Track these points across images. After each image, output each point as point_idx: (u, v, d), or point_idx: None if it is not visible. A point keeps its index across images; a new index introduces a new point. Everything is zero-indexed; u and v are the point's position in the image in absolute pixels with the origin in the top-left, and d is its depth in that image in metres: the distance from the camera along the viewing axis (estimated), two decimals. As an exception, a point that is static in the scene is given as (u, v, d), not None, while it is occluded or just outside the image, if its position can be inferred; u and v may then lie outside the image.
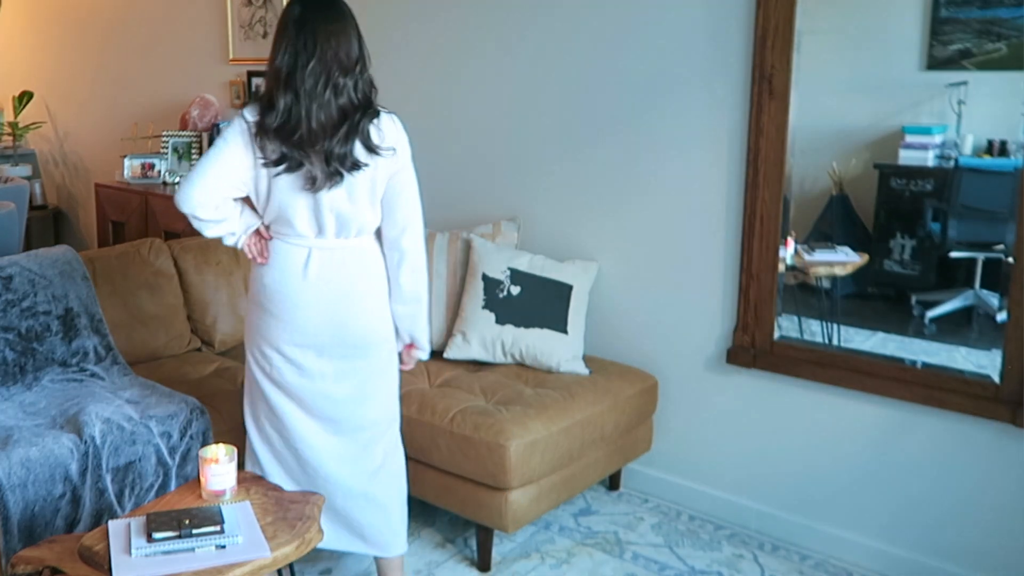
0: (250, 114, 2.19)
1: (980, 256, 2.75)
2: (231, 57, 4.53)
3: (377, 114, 2.22)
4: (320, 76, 2.13)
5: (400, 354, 2.46)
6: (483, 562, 2.78)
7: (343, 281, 2.28)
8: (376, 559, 2.53)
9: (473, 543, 2.87)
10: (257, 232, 2.33)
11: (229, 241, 2.32)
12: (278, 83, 2.15)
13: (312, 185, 2.17)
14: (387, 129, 2.24)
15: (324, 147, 2.14)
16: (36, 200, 5.63)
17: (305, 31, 2.14)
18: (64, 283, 3.04)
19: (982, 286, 2.73)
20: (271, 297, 2.30)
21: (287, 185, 2.20)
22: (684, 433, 3.16)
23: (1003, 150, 2.63)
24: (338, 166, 2.15)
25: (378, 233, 2.35)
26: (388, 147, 2.22)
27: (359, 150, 2.18)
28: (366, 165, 2.19)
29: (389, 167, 2.25)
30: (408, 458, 2.84)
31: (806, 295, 3.01)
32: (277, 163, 2.16)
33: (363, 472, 2.40)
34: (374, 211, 2.29)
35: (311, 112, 2.13)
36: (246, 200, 2.32)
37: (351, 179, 2.20)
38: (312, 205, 2.22)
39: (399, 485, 2.49)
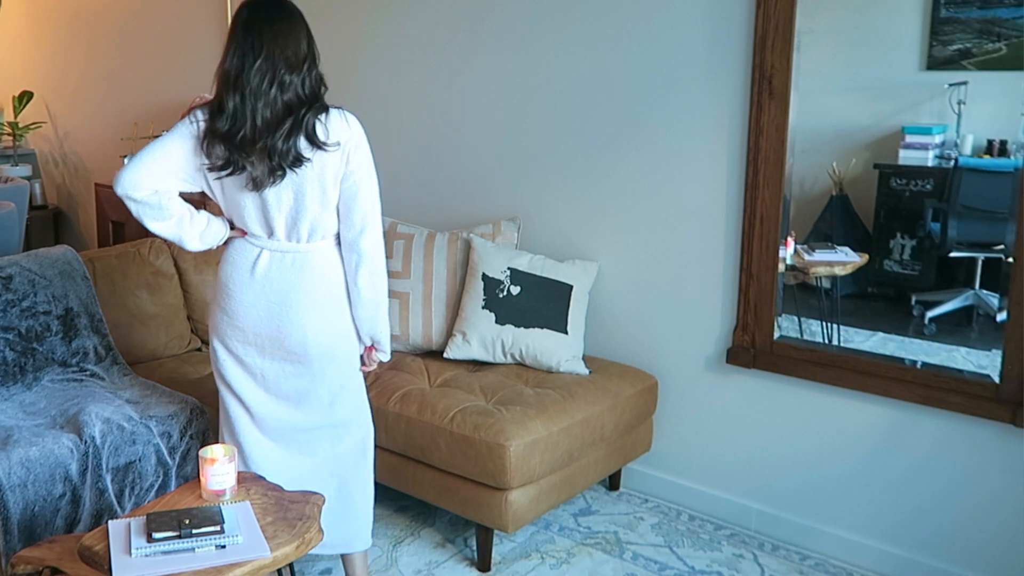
0: (202, 113, 2.21)
1: (980, 256, 2.76)
2: (231, 57, 4.53)
3: (325, 110, 2.21)
4: (266, 74, 2.14)
5: (362, 356, 2.44)
6: (483, 562, 2.78)
7: (285, 287, 2.28)
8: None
9: (473, 543, 2.87)
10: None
11: (187, 245, 2.33)
12: (227, 86, 2.17)
13: (255, 185, 2.18)
14: (334, 125, 2.21)
15: (267, 143, 2.15)
16: (36, 200, 5.63)
17: (252, 32, 2.17)
18: (64, 283, 3.04)
19: (982, 286, 2.74)
20: (221, 291, 2.34)
21: (233, 184, 2.23)
22: (684, 433, 3.16)
23: (1003, 150, 2.63)
24: (280, 161, 2.15)
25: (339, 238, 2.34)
26: (333, 143, 2.20)
27: (303, 145, 2.17)
28: (308, 160, 2.18)
29: (338, 166, 2.23)
30: (408, 458, 2.85)
31: (806, 295, 3.01)
32: (222, 168, 2.18)
33: (293, 474, 2.38)
34: (325, 213, 2.26)
35: (256, 110, 2.14)
36: (213, 207, 2.34)
37: (297, 178, 2.20)
38: (259, 205, 2.24)
39: (349, 485, 2.46)
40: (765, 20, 2.74)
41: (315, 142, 2.17)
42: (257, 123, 2.14)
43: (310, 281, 2.29)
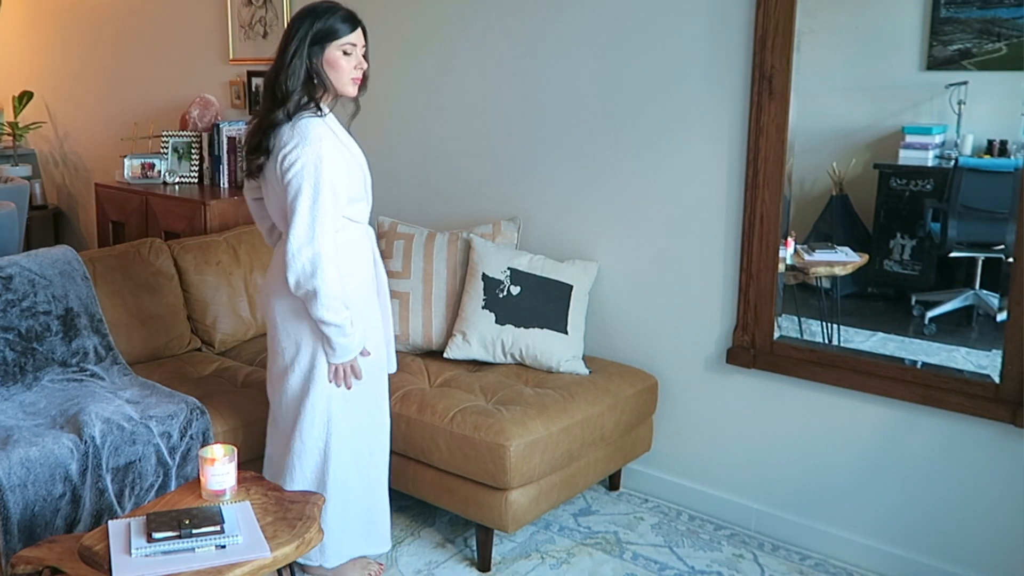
0: None
1: (980, 256, 2.76)
2: (231, 57, 4.52)
3: (285, 121, 2.32)
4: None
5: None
6: (483, 562, 2.78)
7: (265, 279, 2.57)
8: None
9: (473, 543, 2.87)
10: None
11: None
12: None
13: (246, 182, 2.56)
14: (282, 133, 2.32)
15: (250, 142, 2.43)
16: (36, 200, 5.63)
17: None
18: (64, 283, 3.04)
19: (982, 286, 2.74)
20: None
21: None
22: (684, 433, 3.16)
23: (1003, 150, 2.63)
24: (247, 156, 2.40)
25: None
26: (271, 149, 2.34)
27: (259, 147, 2.35)
28: (258, 163, 2.38)
29: (278, 172, 2.32)
30: (408, 458, 2.85)
31: (806, 295, 3.01)
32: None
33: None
34: (282, 220, 2.39)
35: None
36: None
37: (263, 183, 2.44)
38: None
39: (281, 471, 2.51)
40: (765, 20, 2.74)
41: (264, 148, 2.35)
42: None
43: (270, 276, 2.49)
